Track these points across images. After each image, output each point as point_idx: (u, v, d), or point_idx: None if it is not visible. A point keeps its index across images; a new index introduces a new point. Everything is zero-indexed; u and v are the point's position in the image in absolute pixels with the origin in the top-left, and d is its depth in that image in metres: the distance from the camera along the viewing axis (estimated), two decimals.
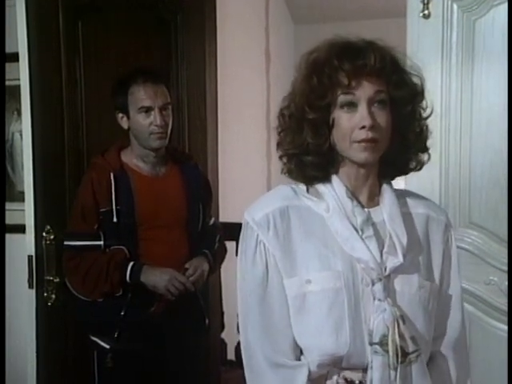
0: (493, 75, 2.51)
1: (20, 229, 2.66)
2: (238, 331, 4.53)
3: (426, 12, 2.55)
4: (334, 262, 1.42)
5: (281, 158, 1.49)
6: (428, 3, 2.55)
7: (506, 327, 2.49)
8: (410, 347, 1.40)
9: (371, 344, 1.39)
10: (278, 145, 1.49)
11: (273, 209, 1.46)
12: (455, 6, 2.54)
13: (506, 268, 2.50)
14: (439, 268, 1.51)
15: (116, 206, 2.47)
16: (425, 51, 2.52)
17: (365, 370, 1.41)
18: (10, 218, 2.78)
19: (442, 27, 2.55)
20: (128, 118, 2.53)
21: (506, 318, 2.49)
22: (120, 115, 2.55)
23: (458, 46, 2.54)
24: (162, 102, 2.51)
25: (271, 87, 5.06)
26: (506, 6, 2.45)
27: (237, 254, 4.38)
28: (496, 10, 2.48)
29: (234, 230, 3.36)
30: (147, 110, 2.50)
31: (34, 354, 2.62)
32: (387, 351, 1.38)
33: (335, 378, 1.43)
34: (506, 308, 2.49)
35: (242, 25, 4.64)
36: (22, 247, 2.63)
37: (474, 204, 2.57)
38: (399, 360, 1.38)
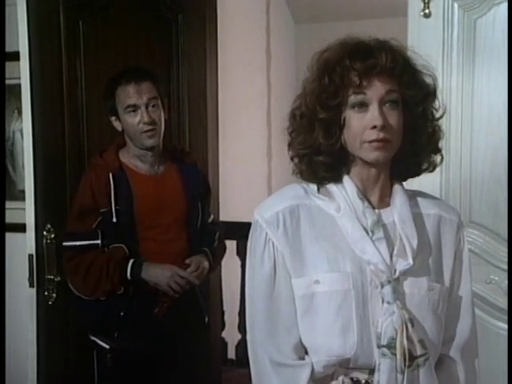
0: (494, 74, 2.51)
1: (20, 228, 2.66)
2: (239, 330, 4.54)
3: (427, 11, 2.55)
4: (343, 263, 1.42)
5: (292, 159, 1.49)
6: (429, 2, 2.54)
7: (506, 326, 2.49)
8: (418, 351, 1.39)
9: (379, 347, 1.39)
10: (289, 145, 1.48)
11: (283, 207, 1.45)
12: (456, 5, 2.54)
13: (506, 267, 2.50)
14: (450, 270, 1.50)
15: (115, 205, 2.48)
16: (425, 50, 2.51)
17: (371, 370, 1.41)
18: (11, 217, 2.77)
19: (443, 26, 2.55)
20: (119, 120, 2.54)
21: (506, 317, 2.49)
22: (113, 118, 2.57)
23: (459, 44, 2.54)
24: (146, 98, 2.50)
25: (272, 86, 5.06)
26: (506, 4, 2.45)
27: (237, 253, 4.38)
28: (497, 9, 2.48)
29: (234, 229, 3.38)
30: (134, 109, 2.50)
31: (35, 354, 2.62)
32: (395, 354, 1.38)
33: (341, 378, 1.43)
34: (506, 307, 2.49)
35: (242, 24, 4.65)
36: (23, 246, 2.63)
37: (474, 203, 2.57)
38: (406, 363, 1.38)
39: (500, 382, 2.44)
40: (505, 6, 2.46)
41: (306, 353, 1.45)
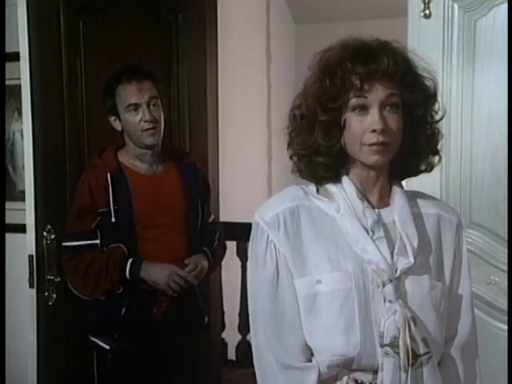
0: (494, 75, 2.51)
1: (20, 228, 2.66)
2: (239, 331, 4.53)
3: (427, 12, 2.55)
4: (344, 262, 1.42)
5: (291, 157, 1.49)
6: (429, 3, 2.54)
7: (506, 327, 2.49)
8: (421, 349, 1.39)
9: (382, 346, 1.39)
10: (289, 145, 1.49)
11: (283, 209, 1.45)
12: (456, 6, 2.54)
13: (506, 268, 2.50)
14: (450, 268, 1.51)
15: (114, 206, 2.48)
16: (425, 51, 2.51)
17: (375, 371, 1.41)
18: (11, 218, 2.77)
19: (443, 27, 2.55)
20: (119, 119, 2.55)
21: (506, 318, 2.49)
22: (112, 118, 2.57)
23: (459, 45, 2.54)
24: (147, 96, 2.51)
25: (272, 86, 5.07)
26: (506, 5, 2.45)
27: (238, 254, 4.37)
28: (497, 10, 2.48)
29: (234, 230, 3.38)
30: (135, 108, 2.51)
31: (35, 354, 2.62)
32: (398, 353, 1.38)
33: (345, 379, 1.43)
34: (506, 308, 2.49)
35: (242, 24, 4.65)
36: (23, 247, 2.63)
37: (474, 204, 2.57)
38: (410, 362, 1.38)
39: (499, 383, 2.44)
40: (505, 7, 2.46)
41: (313, 354, 1.45)
